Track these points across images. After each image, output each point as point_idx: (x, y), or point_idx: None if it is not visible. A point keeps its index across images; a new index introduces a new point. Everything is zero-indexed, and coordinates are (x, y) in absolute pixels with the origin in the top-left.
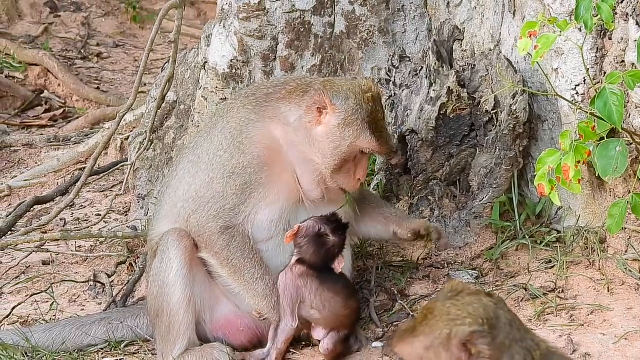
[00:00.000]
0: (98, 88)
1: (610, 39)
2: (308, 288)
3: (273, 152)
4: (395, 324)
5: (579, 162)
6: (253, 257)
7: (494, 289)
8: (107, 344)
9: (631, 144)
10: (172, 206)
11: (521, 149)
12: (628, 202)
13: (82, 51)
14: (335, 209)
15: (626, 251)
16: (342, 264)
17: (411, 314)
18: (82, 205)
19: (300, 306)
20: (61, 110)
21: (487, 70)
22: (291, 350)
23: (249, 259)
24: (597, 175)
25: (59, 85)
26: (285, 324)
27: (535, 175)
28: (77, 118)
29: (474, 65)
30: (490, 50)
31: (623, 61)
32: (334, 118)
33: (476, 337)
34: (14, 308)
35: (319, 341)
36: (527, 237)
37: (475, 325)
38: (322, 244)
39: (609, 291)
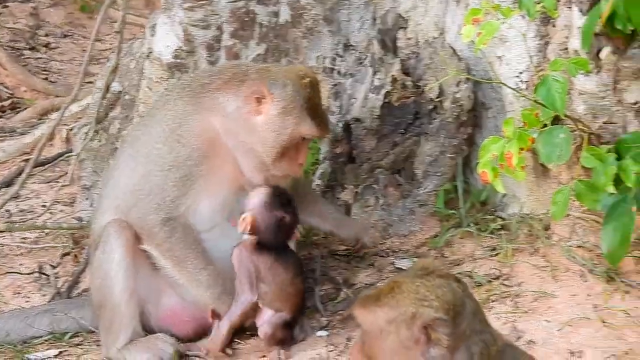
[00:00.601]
0: (46, 79)
1: (554, 26)
2: (262, 262)
3: (212, 143)
4: (340, 312)
5: (522, 149)
6: (195, 248)
7: None
8: (52, 335)
9: (575, 130)
10: (113, 199)
11: (465, 136)
12: (572, 188)
13: (31, 41)
14: None
15: (570, 238)
16: (297, 236)
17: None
18: (27, 197)
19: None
20: (9, 101)
21: (432, 58)
22: (235, 340)
23: (192, 250)
24: (541, 162)
25: (6, 75)
26: (245, 298)
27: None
28: (26, 109)
29: (418, 53)
30: (435, 38)
31: (566, 48)
32: (273, 107)
33: (438, 324)
34: None
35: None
36: (471, 224)
37: (441, 311)
38: (279, 228)
39: (553, 278)
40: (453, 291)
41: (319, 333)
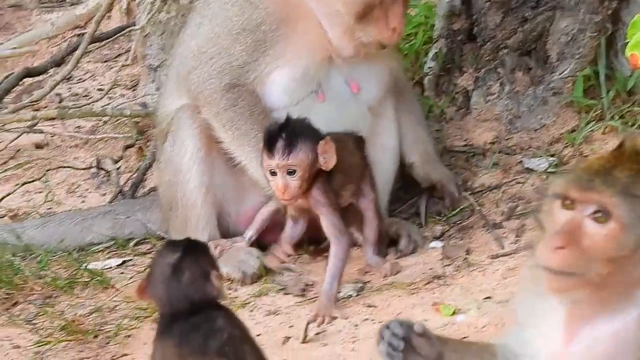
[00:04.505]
0: None
1: None
2: None
3: (291, 5)
4: (458, 223)
5: None
6: (263, 120)
7: None
8: (114, 242)
9: None
10: (177, 76)
11: (610, 12)
12: None
13: None
14: (373, 66)
15: None
16: None
17: (477, 208)
18: (81, 79)
19: None
20: None
21: None
22: None
23: (258, 122)
24: None
25: None
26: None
27: (626, 44)
28: None
29: None
30: None
31: None
32: None
33: None
34: (2, 199)
35: None
36: (616, 117)
37: None
38: None
39: None
40: None
41: (433, 244)
